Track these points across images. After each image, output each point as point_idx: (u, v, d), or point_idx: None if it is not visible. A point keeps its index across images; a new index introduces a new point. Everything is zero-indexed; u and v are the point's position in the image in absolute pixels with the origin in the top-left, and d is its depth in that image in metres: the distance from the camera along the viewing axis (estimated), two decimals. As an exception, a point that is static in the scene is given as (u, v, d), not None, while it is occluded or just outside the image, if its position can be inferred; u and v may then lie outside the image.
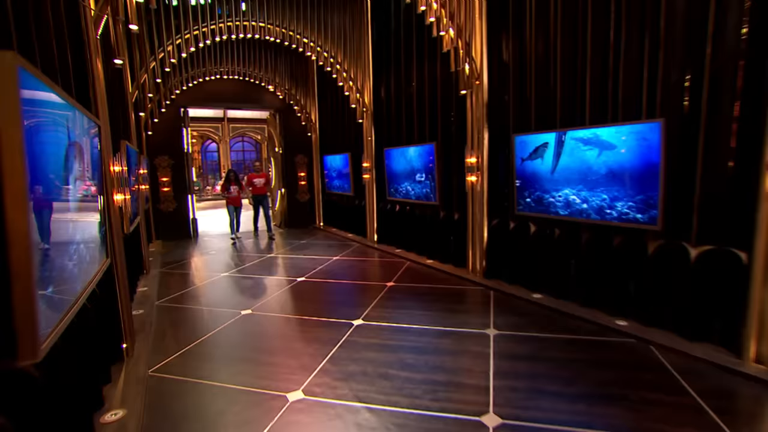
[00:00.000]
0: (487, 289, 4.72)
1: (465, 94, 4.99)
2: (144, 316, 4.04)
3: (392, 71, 6.63)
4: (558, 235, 4.13)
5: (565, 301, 4.06)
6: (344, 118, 8.34)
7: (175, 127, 8.51)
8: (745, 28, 2.75)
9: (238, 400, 2.61)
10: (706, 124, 2.93)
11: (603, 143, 3.51)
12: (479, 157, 4.87)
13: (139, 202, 5.56)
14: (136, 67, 5.47)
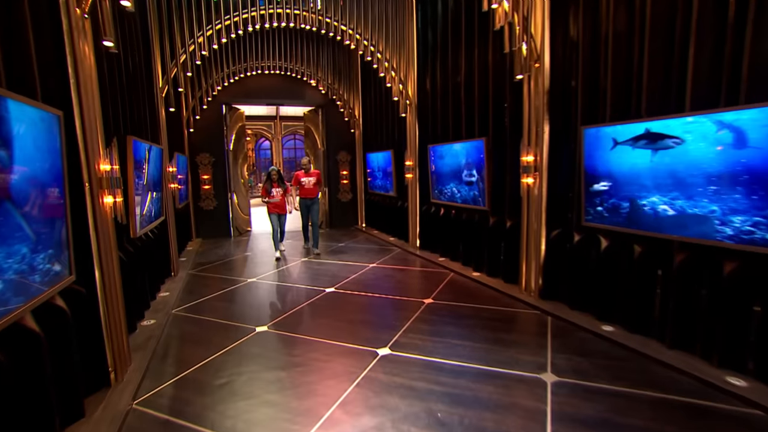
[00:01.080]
0: (544, 313, 3.91)
1: (521, 80, 4.19)
2: (154, 327, 3.72)
3: (438, 59, 5.92)
4: (639, 254, 3.24)
5: (646, 338, 3.18)
6: (388, 112, 7.75)
7: (217, 125, 8.39)
8: None
9: (219, 456, 2.11)
10: None
11: (715, 136, 2.61)
12: (537, 155, 4.05)
13: (166, 202, 5.33)
14: (166, 59, 5.24)
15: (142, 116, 4.43)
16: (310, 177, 6.70)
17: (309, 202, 6.76)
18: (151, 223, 4.29)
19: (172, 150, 6.15)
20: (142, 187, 3.80)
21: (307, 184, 6.70)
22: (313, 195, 6.77)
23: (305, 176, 6.72)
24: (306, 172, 6.72)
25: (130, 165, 3.42)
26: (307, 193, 6.74)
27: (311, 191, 6.74)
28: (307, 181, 6.69)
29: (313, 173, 6.78)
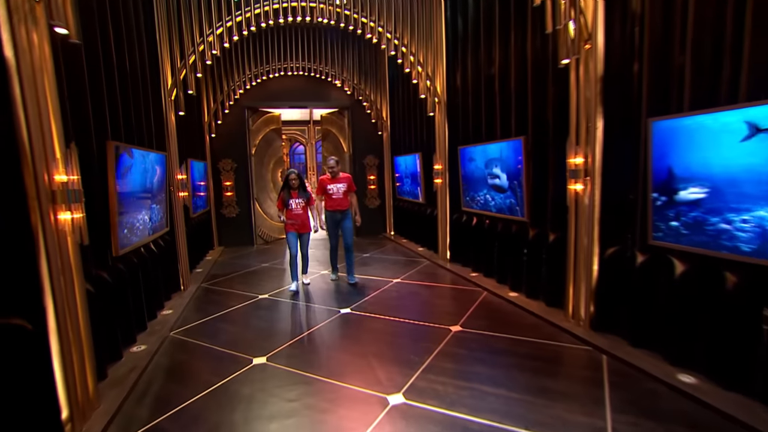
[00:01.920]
0: (598, 351, 3.17)
1: (567, 65, 3.48)
2: (142, 355, 3.32)
3: (469, 51, 5.26)
4: (734, 286, 2.46)
5: (745, 398, 2.39)
6: (415, 112, 7.15)
7: (240, 129, 8.11)
8: None
9: None
10: None
11: None
12: (589, 156, 3.32)
13: (176, 212, 5.00)
14: (176, 60, 4.92)
15: (141, 120, 4.09)
16: (338, 183, 5.18)
17: (339, 216, 5.21)
18: (148, 236, 3.92)
19: (185, 156, 5.86)
20: (130, 198, 3.42)
21: (336, 192, 5.16)
22: (344, 207, 5.20)
23: (332, 182, 5.19)
24: (333, 176, 5.20)
25: (111, 174, 3.04)
26: (335, 205, 5.18)
27: (341, 202, 5.18)
28: (335, 189, 5.16)
29: (343, 178, 5.23)
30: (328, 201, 5.24)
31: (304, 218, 5.07)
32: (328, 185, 5.22)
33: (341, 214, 5.27)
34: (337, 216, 5.28)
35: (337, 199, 5.22)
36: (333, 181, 5.24)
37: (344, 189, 5.24)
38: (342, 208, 5.24)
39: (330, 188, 5.21)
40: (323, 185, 5.25)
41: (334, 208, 5.24)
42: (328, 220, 5.32)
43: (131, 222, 3.45)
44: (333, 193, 5.21)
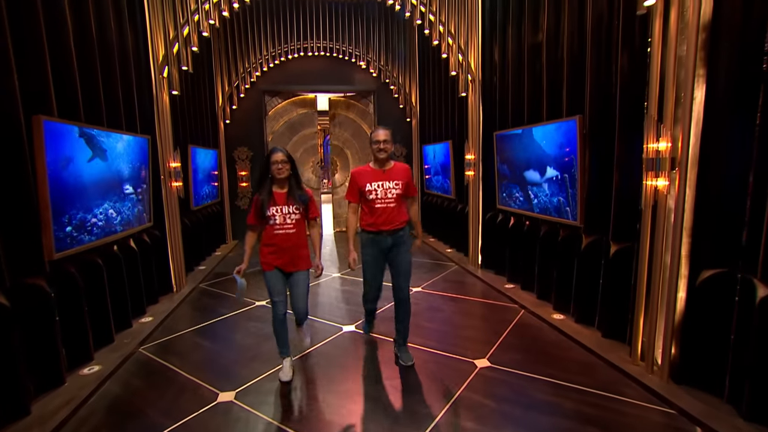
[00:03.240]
0: (686, 418, 2.23)
1: (652, 8, 2.49)
2: (90, 380, 2.71)
3: (511, 17, 4.30)
4: None
5: None
6: (447, 95, 6.24)
7: (256, 115, 7.52)
8: None
9: None
10: None
11: None
12: (680, 140, 2.35)
13: (168, 204, 4.43)
14: (168, 33, 4.31)
15: (119, 99, 3.50)
16: (389, 180, 2.81)
17: (387, 242, 2.84)
18: (115, 234, 3.33)
19: (186, 142, 5.30)
20: (79, 189, 2.80)
21: (384, 198, 2.80)
22: (398, 225, 2.84)
23: (377, 177, 2.81)
24: (381, 165, 2.83)
25: (40, 157, 2.41)
26: (383, 222, 2.81)
27: (393, 215, 2.82)
28: (381, 192, 2.79)
29: (398, 170, 2.87)
30: (369, 215, 2.81)
31: (297, 243, 2.69)
32: (368, 183, 2.77)
33: (392, 238, 2.80)
34: (384, 242, 2.80)
35: (387, 211, 2.77)
36: (379, 175, 2.78)
37: (398, 192, 2.79)
38: (394, 226, 2.79)
39: (372, 189, 2.76)
40: (359, 183, 2.79)
41: (379, 227, 2.77)
42: (367, 251, 2.86)
43: (82, 217, 2.84)
44: (378, 200, 2.76)
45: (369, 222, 2.80)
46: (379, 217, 2.77)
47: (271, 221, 2.62)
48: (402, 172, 2.84)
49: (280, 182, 2.66)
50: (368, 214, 2.80)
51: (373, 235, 2.80)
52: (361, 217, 2.88)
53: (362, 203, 2.83)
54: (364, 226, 2.84)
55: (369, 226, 2.80)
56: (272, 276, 2.70)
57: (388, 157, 2.81)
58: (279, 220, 2.62)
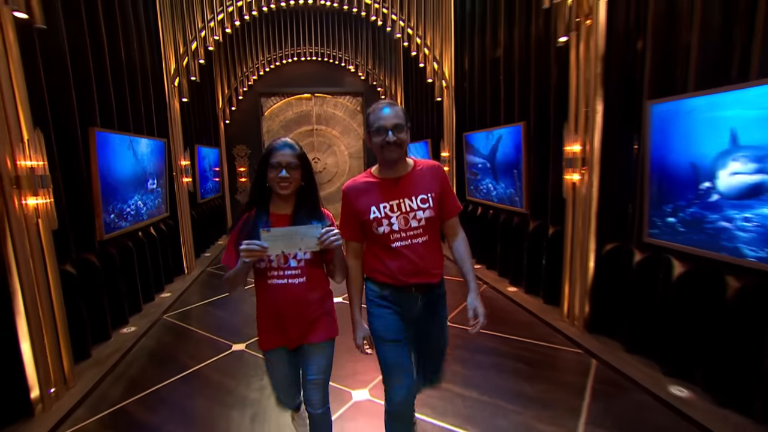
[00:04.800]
0: (588, 355, 2.96)
1: (567, 43, 3.19)
2: (129, 337, 3.40)
3: (476, 32, 4.98)
4: (737, 292, 2.18)
5: (742, 418, 2.14)
6: (427, 98, 6.91)
7: (254, 115, 8.16)
8: None
9: None
10: None
11: None
12: (587, 144, 3.06)
13: (180, 197, 5.10)
14: (179, 48, 4.95)
15: (139, 107, 4.14)
16: (411, 196, 1.56)
17: (419, 304, 1.64)
18: (143, 221, 4.00)
19: (194, 142, 5.94)
20: (118, 184, 3.47)
21: (405, 229, 1.56)
22: (437, 272, 1.64)
23: (393, 195, 1.57)
24: (391, 177, 1.59)
25: (93, 160, 3.08)
26: (411, 269, 1.57)
27: (427, 255, 1.58)
28: (400, 218, 1.56)
29: (424, 173, 1.60)
30: (380, 259, 1.62)
31: (309, 299, 1.60)
32: (372, 207, 1.58)
33: (425, 299, 1.65)
34: (410, 304, 1.64)
35: (413, 251, 1.57)
36: (390, 189, 1.59)
37: (430, 214, 1.57)
38: (427, 278, 1.61)
39: (381, 215, 1.57)
40: (356, 206, 1.61)
41: (401, 279, 1.59)
42: (382, 321, 1.63)
43: (120, 207, 3.51)
44: (395, 233, 1.57)
45: (381, 270, 1.58)
46: (399, 262, 1.54)
47: (263, 264, 1.53)
48: (430, 176, 1.59)
49: (284, 199, 1.56)
50: (378, 259, 1.58)
51: (390, 291, 1.59)
52: (365, 260, 1.65)
53: (367, 240, 1.64)
54: (373, 275, 1.63)
55: (382, 277, 1.58)
56: (275, 361, 1.65)
57: (404, 154, 1.55)
58: (277, 262, 1.53)
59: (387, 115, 1.50)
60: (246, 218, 1.57)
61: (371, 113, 1.54)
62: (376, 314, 1.64)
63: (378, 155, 1.56)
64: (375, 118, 1.52)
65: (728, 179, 2.06)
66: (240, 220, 1.59)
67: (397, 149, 1.51)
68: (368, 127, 1.55)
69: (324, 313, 1.64)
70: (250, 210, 1.60)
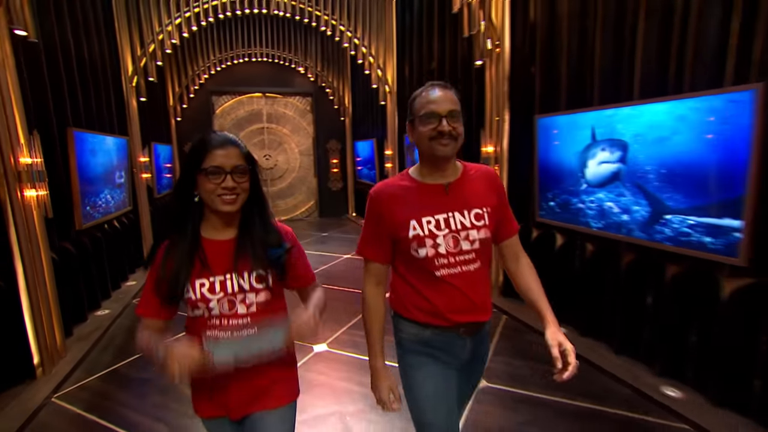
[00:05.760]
0: (501, 312, 3.77)
1: (483, 65, 3.98)
2: (105, 318, 3.74)
3: (414, 45, 5.71)
4: (591, 253, 3.06)
5: (595, 341, 3.02)
6: (373, 101, 7.58)
7: (205, 113, 8.38)
8: None
9: None
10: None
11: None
12: (498, 146, 3.87)
13: (139, 193, 5.37)
14: (135, 49, 5.19)
15: (103, 108, 4.41)
16: (464, 210, 1.21)
17: (467, 347, 1.26)
18: (111, 213, 4.30)
19: (150, 139, 6.16)
20: (92, 179, 3.79)
21: (455, 252, 1.19)
22: (486, 308, 1.27)
23: (443, 207, 1.20)
24: (441, 182, 1.23)
25: (72, 157, 3.40)
26: (459, 304, 1.20)
27: (478, 286, 1.22)
28: (448, 237, 1.18)
29: (478, 180, 1.27)
30: (417, 291, 1.23)
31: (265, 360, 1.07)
32: (412, 220, 1.20)
33: (473, 341, 1.28)
34: (456, 348, 1.26)
35: (463, 281, 1.20)
36: (439, 198, 1.22)
37: (485, 235, 1.22)
38: (477, 315, 1.24)
39: (426, 233, 1.19)
40: (394, 218, 1.22)
41: (449, 316, 1.21)
42: (422, 370, 1.25)
43: (94, 200, 3.82)
44: (442, 257, 1.19)
45: (421, 305, 1.23)
46: (445, 296, 1.20)
47: (198, 311, 1.12)
48: (486, 185, 1.28)
49: (224, 218, 1.13)
50: (416, 291, 1.23)
51: (433, 333, 1.23)
52: (396, 291, 1.30)
53: (399, 264, 1.27)
54: (409, 312, 1.25)
55: (423, 315, 1.23)
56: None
57: (455, 154, 1.22)
58: (220, 309, 1.11)
59: (439, 98, 1.16)
60: (168, 249, 1.09)
61: (417, 97, 1.22)
62: (414, 364, 1.24)
63: (424, 151, 1.20)
64: (423, 102, 1.18)
65: (594, 169, 2.89)
66: (158, 252, 1.10)
67: (452, 143, 1.16)
68: (411, 114, 1.23)
69: (279, 371, 1.18)
70: (171, 235, 1.10)
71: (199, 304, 1.09)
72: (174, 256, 1.08)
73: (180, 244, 1.09)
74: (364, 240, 1.30)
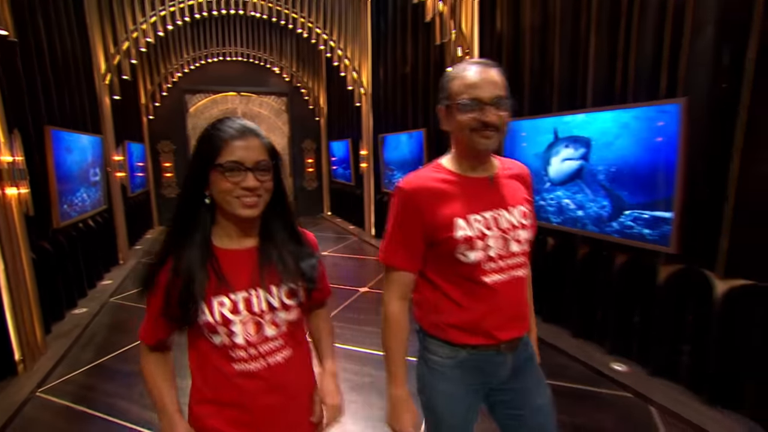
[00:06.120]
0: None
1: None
2: (83, 316, 3.75)
3: (389, 49, 5.92)
4: (552, 246, 3.36)
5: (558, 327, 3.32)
6: (348, 101, 7.74)
7: (179, 111, 8.31)
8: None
9: None
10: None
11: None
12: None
13: (113, 191, 5.34)
14: (109, 47, 5.16)
15: (77, 106, 4.39)
16: (510, 207, 1.10)
17: (507, 365, 1.11)
18: (87, 212, 4.29)
19: (123, 138, 6.10)
20: (68, 177, 3.79)
21: (505, 255, 1.07)
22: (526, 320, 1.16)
23: (491, 203, 1.08)
24: (484, 175, 1.10)
25: (49, 155, 3.41)
26: (504, 315, 1.08)
27: (522, 296, 1.15)
28: (498, 238, 1.06)
29: (514, 176, 1.16)
30: (456, 303, 1.07)
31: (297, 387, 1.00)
32: (459, 218, 1.04)
33: (514, 357, 1.12)
34: (494, 368, 1.11)
35: (510, 288, 1.09)
36: (485, 191, 1.09)
37: (531, 234, 1.13)
38: (520, 329, 1.14)
39: (476, 233, 1.04)
40: (438, 216, 1.04)
41: (492, 332, 1.07)
42: (454, 398, 1.11)
43: (71, 199, 3.83)
44: (491, 261, 1.06)
45: (456, 321, 1.08)
46: (489, 305, 1.07)
47: (218, 338, 0.90)
48: (521, 180, 1.18)
49: (242, 224, 0.94)
50: (454, 303, 1.07)
51: (470, 353, 1.09)
52: (424, 305, 1.14)
53: (432, 272, 1.10)
54: (441, 331, 1.10)
55: (459, 333, 1.08)
56: None
57: (500, 135, 1.04)
58: (244, 334, 0.91)
59: (483, 81, 0.99)
60: (172, 266, 0.88)
61: (454, 78, 1.04)
62: (445, 392, 1.10)
63: (463, 142, 1.04)
64: (462, 85, 1.01)
65: (557, 166, 3.17)
66: (160, 270, 0.90)
67: (496, 135, 1.01)
68: (448, 98, 1.04)
69: (309, 405, 1.02)
70: (176, 247, 0.90)
71: (219, 328, 0.88)
72: (183, 271, 0.86)
73: (189, 255, 0.88)
74: (392, 244, 1.08)
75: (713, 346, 2.21)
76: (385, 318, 1.11)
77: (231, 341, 0.90)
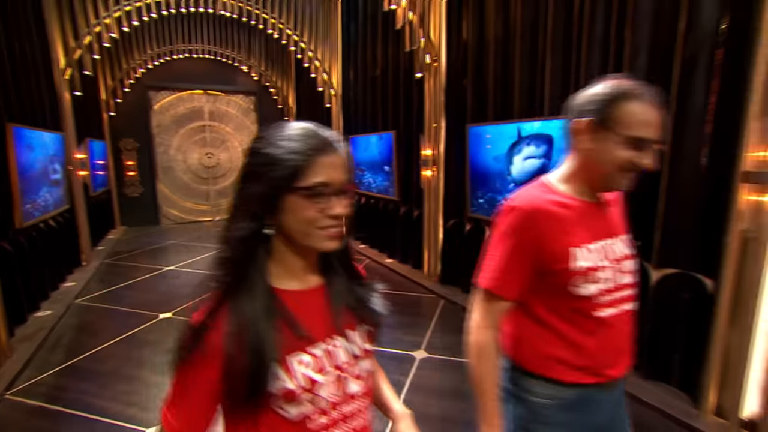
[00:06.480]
0: (439, 297, 4.24)
1: (422, 77, 4.43)
2: (48, 318, 3.66)
3: (359, 53, 6.06)
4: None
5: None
6: (319, 102, 7.80)
7: (142, 108, 8.08)
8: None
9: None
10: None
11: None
12: (435, 150, 4.34)
13: (75, 190, 5.19)
14: (69, 41, 5.00)
15: (35, 101, 4.25)
16: (617, 235, 1.04)
17: (609, 405, 1.05)
18: (50, 212, 4.17)
19: (85, 135, 5.90)
20: (31, 176, 3.69)
21: (616, 287, 0.99)
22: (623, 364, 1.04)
23: (604, 232, 1.01)
24: (594, 201, 1.02)
25: (11, 154, 3.32)
26: (614, 350, 1.01)
27: (629, 330, 1.04)
28: (613, 270, 0.99)
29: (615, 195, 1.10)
30: (568, 340, 0.99)
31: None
32: (578, 249, 0.96)
33: (615, 392, 1.06)
34: (599, 405, 1.04)
35: (622, 323, 1.02)
36: (598, 221, 1.02)
37: (636, 263, 1.06)
38: (625, 364, 1.05)
39: (595, 264, 0.97)
40: (545, 235, 0.96)
41: (604, 371, 1.01)
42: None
43: (33, 198, 3.72)
44: (606, 293, 0.98)
45: (565, 358, 0.99)
46: (601, 341, 0.99)
47: (301, 408, 0.70)
48: (621, 206, 1.12)
49: (307, 258, 0.76)
50: (563, 339, 0.99)
51: (579, 394, 1.01)
52: (524, 341, 1.06)
53: (537, 304, 1.02)
54: (546, 368, 1.01)
55: (567, 371, 1.00)
56: None
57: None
58: (329, 397, 0.73)
59: (657, 121, 0.91)
60: (230, 322, 0.67)
61: (625, 103, 0.90)
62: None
63: (601, 173, 0.96)
64: (637, 119, 0.90)
65: (520, 165, 3.42)
66: (212, 330, 0.67)
67: (635, 178, 0.95)
68: (607, 121, 0.91)
69: None
70: (231, 298, 0.69)
71: (303, 395, 0.69)
72: (246, 327, 0.66)
73: (250, 305, 0.67)
74: (501, 270, 0.97)
75: (647, 327, 2.52)
76: (478, 352, 1.01)
77: (316, 408, 0.70)
